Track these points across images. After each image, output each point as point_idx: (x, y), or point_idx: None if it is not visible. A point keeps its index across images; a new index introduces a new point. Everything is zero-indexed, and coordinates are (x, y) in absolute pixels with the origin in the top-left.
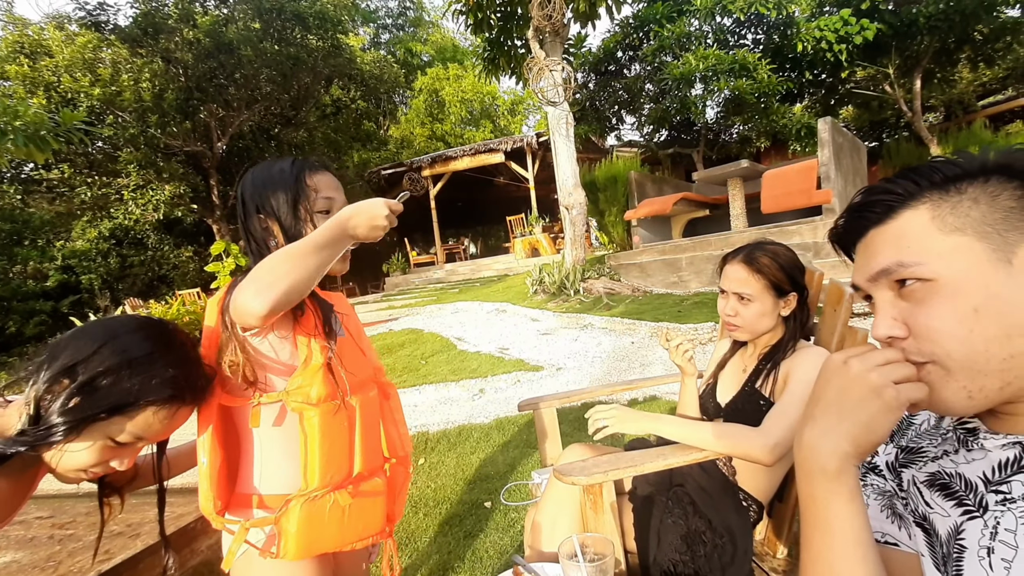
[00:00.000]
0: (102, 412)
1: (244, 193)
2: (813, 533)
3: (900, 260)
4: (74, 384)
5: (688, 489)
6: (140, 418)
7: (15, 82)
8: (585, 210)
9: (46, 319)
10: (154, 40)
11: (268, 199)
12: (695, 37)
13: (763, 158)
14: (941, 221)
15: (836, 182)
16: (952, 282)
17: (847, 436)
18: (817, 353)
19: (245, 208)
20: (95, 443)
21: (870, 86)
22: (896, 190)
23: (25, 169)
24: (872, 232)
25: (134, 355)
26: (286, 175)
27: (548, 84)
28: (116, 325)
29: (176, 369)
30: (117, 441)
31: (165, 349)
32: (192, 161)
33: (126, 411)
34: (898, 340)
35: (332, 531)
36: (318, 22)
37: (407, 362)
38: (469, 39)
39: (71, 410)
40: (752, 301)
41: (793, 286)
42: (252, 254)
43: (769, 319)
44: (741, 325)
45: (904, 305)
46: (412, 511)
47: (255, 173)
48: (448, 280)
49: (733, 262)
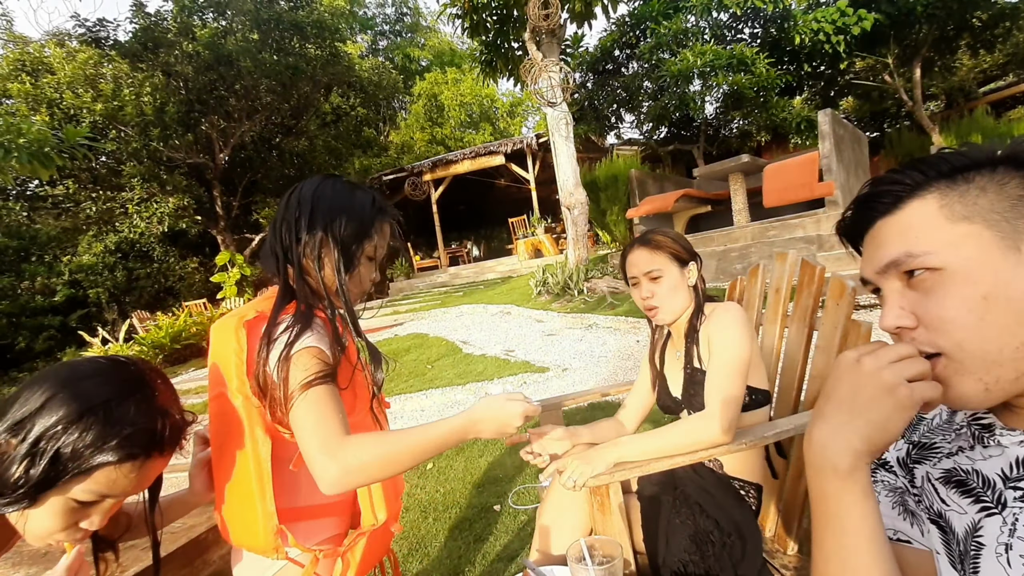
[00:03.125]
0: (54, 478)
1: (317, 204)
2: (825, 531)
3: (908, 250)
4: (23, 443)
5: (689, 491)
6: (100, 476)
7: (17, 100)
8: (587, 210)
9: (55, 334)
10: (154, 54)
11: (341, 222)
12: (692, 33)
13: (764, 152)
14: (949, 210)
15: (838, 174)
16: (961, 270)
17: (859, 434)
18: (724, 308)
19: (312, 218)
20: (57, 507)
21: (869, 76)
22: (904, 180)
23: (30, 186)
24: (880, 223)
25: (87, 405)
26: (366, 212)
27: (546, 85)
28: (71, 372)
29: (135, 423)
30: (80, 501)
31: (125, 397)
32: (195, 173)
33: (81, 474)
34: (907, 331)
35: (378, 555)
36: (316, 31)
37: (413, 367)
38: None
39: (19, 478)
40: (662, 276)
41: (690, 255)
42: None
43: (682, 292)
44: (660, 305)
45: (913, 295)
46: (422, 516)
47: (335, 191)
48: (452, 283)
49: (633, 250)
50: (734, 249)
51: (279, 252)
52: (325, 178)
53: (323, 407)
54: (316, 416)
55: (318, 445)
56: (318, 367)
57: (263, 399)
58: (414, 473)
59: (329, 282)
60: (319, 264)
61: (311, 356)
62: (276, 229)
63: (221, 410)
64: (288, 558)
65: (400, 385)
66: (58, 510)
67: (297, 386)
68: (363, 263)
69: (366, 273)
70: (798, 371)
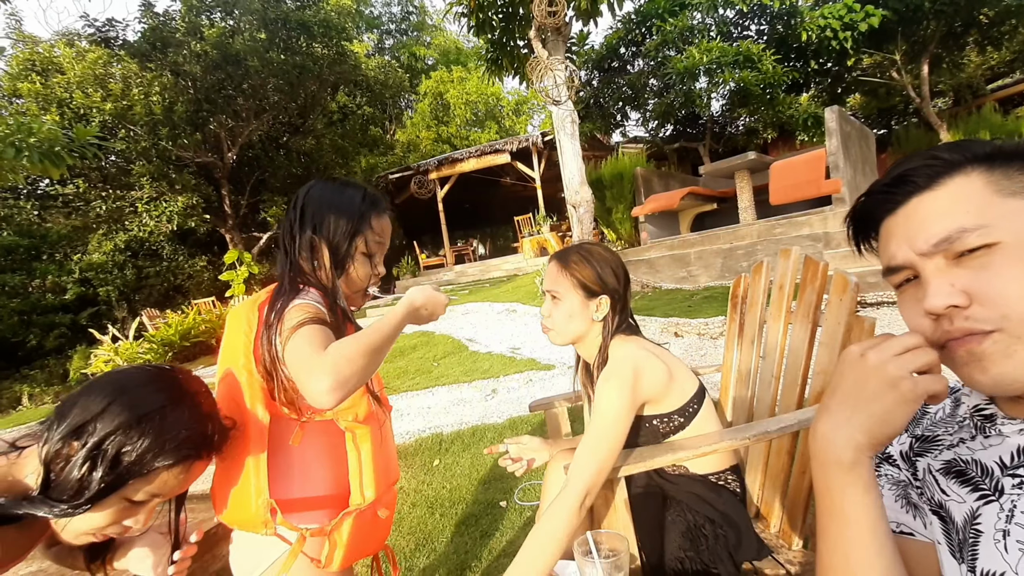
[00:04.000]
0: (116, 482)
1: (306, 205)
2: (829, 524)
3: (962, 226)
4: (84, 448)
5: (672, 493)
6: (154, 478)
7: (28, 99)
8: (592, 208)
9: (66, 332)
10: (163, 54)
11: (329, 221)
12: (698, 30)
13: (770, 149)
14: (997, 185)
15: (845, 171)
16: (1018, 243)
17: (862, 428)
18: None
19: (302, 219)
20: (111, 507)
21: (877, 73)
22: (942, 156)
23: (41, 185)
24: (916, 199)
25: (144, 411)
26: (355, 206)
27: (551, 83)
28: (125, 379)
29: (189, 427)
30: (132, 500)
31: (176, 403)
32: (204, 172)
33: (139, 476)
34: (959, 310)
35: (368, 542)
36: (323, 30)
37: (419, 364)
38: (472, 41)
39: (81, 480)
40: (560, 300)
41: (603, 288)
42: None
43: (579, 321)
44: (551, 327)
45: (962, 272)
46: (428, 512)
47: (324, 190)
48: (458, 281)
49: (551, 261)
50: (740, 247)
51: (282, 253)
52: (320, 180)
53: (312, 339)
54: (306, 347)
55: (308, 368)
56: (312, 314)
57: (268, 379)
58: (421, 469)
59: (326, 280)
60: (315, 263)
61: (302, 309)
62: (285, 229)
63: (227, 387)
64: (276, 534)
65: (406, 382)
66: (112, 510)
67: (288, 329)
68: (358, 259)
69: (362, 269)
70: (802, 367)
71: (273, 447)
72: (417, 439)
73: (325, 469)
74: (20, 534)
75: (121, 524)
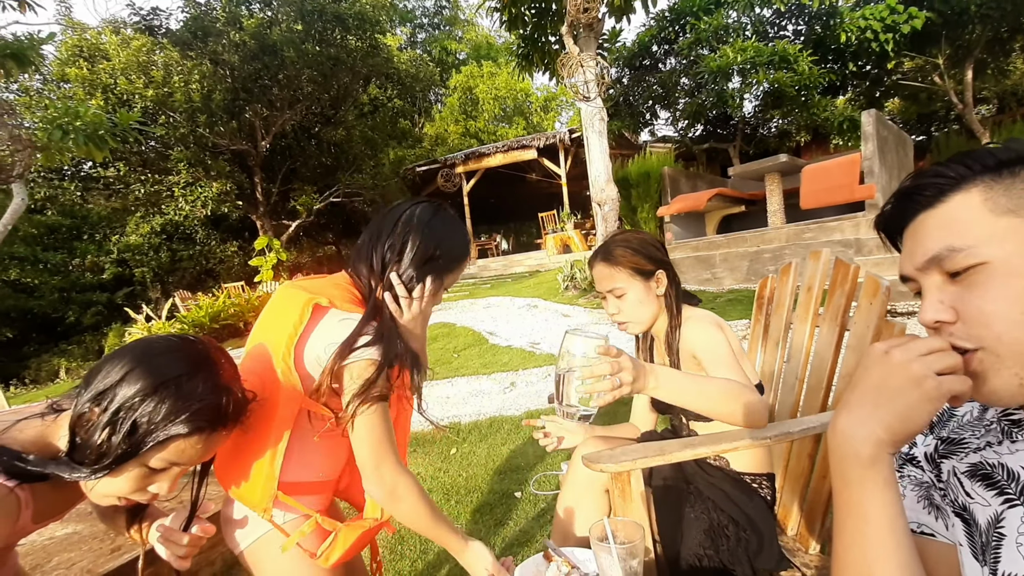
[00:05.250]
0: (132, 450)
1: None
2: (846, 520)
3: (951, 244)
4: (105, 413)
5: (701, 487)
6: (170, 446)
7: (75, 84)
8: (617, 206)
9: (102, 310)
10: (203, 43)
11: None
12: (733, 29)
13: (803, 153)
14: (993, 203)
15: (880, 177)
16: (1005, 264)
17: (882, 424)
18: (697, 321)
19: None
20: (131, 472)
21: (918, 77)
22: (948, 173)
23: (84, 167)
24: (921, 216)
25: (162, 379)
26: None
27: (581, 80)
28: (148, 347)
29: (204, 398)
30: (151, 467)
31: (195, 373)
32: (238, 159)
33: (155, 444)
34: (946, 325)
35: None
36: (357, 23)
37: (440, 355)
38: (503, 36)
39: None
40: (625, 293)
41: (655, 264)
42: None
43: (649, 304)
44: (627, 319)
45: (953, 289)
46: (444, 499)
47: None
48: (480, 276)
49: (595, 265)
50: (767, 250)
51: (377, 266)
52: (436, 207)
53: (380, 425)
54: (377, 434)
55: (376, 461)
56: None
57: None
58: (438, 457)
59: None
60: (408, 286)
61: (372, 365)
62: (378, 243)
63: (260, 366)
64: (271, 521)
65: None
66: (132, 475)
67: (355, 396)
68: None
69: (429, 309)
70: (827, 370)
71: (294, 436)
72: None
73: (332, 459)
74: (57, 493)
75: (145, 490)
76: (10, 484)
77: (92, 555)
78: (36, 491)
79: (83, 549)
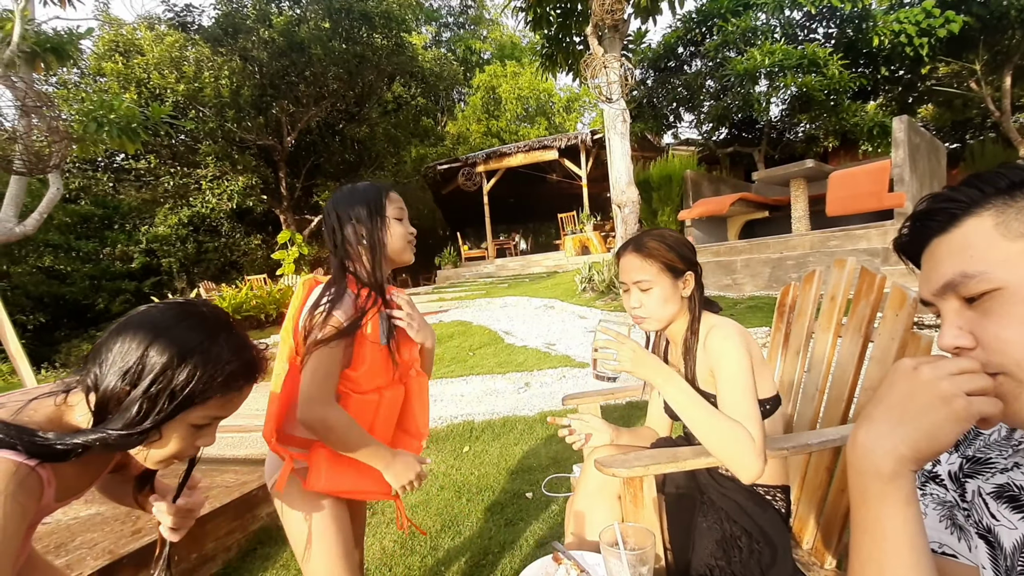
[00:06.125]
0: (174, 412)
1: (336, 210)
2: (863, 537)
3: (963, 271)
4: (136, 388)
5: (714, 497)
6: (212, 405)
7: (110, 78)
8: (638, 209)
9: (130, 298)
10: (233, 39)
11: (358, 210)
12: (761, 31)
13: (830, 158)
14: (1006, 227)
15: (911, 185)
16: (1020, 289)
17: (906, 440)
18: (719, 330)
19: (340, 220)
20: (180, 434)
21: (953, 83)
22: (959, 198)
23: (117, 159)
24: (935, 241)
25: (188, 348)
26: (371, 192)
27: (604, 81)
28: (157, 319)
29: (232, 358)
30: (197, 426)
31: (214, 337)
32: (263, 154)
33: (197, 406)
34: (965, 351)
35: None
36: (383, 21)
37: (455, 353)
38: (528, 36)
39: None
40: (651, 287)
41: (687, 265)
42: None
43: (673, 303)
44: (647, 315)
45: (971, 315)
46: (456, 496)
47: (343, 193)
48: (498, 275)
49: (625, 254)
50: (790, 257)
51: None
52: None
53: (321, 366)
54: (313, 371)
55: (307, 392)
56: (330, 333)
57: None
58: (451, 455)
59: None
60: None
61: (332, 324)
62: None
63: (282, 336)
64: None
65: (442, 370)
66: (181, 436)
67: (312, 343)
68: (392, 225)
69: (396, 229)
70: (849, 382)
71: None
72: (449, 425)
73: None
74: (78, 471)
75: (193, 446)
76: (31, 463)
77: (114, 536)
78: (57, 470)
79: (105, 530)
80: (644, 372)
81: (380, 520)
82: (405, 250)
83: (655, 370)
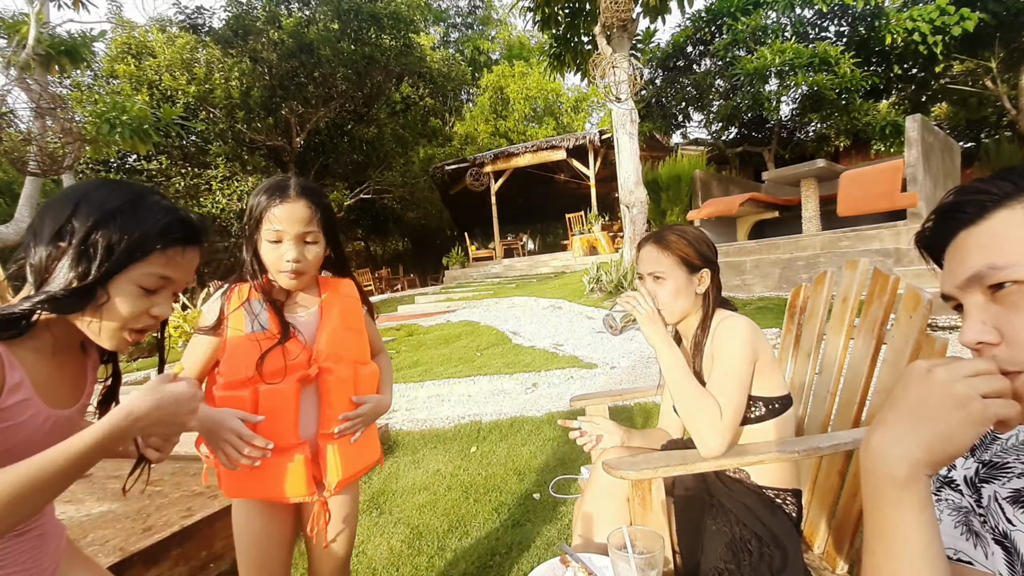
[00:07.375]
0: (116, 266)
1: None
2: (877, 543)
3: (992, 263)
4: (70, 245)
5: (722, 499)
6: (153, 261)
7: (123, 80)
8: (646, 209)
9: None
10: (243, 41)
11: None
12: (772, 30)
13: (842, 158)
14: None
15: (924, 185)
16: None
17: (921, 444)
18: (729, 323)
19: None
20: (127, 294)
21: (968, 81)
22: (991, 189)
23: (129, 160)
24: (963, 234)
25: (116, 203)
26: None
27: (612, 81)
28: (84, 186)
29: (164, 213)
30: (145, 288)
31: (143, 194)
32: (273, 155)
33: (137, 261)
34: (989, 346)
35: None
36: (392, 22)
37: (463, 353)
38: (537, 36)
39: (82, 273)
40: (665, 279)
41: (704, 262)
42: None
43: (685, 298)
44: (659, 307)
45: (996, 309)
46: (463, 496)
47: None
48: (505, 275)
49: (645, 245)
50: (801, 258)
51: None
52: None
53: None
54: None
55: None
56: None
57: None
58: (458, 455)
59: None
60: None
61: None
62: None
63: None
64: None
65: (449, 370)
66: (129, 295)
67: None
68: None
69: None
70: (861, 385)
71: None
72: (456, 425)
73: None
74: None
75: (148, 314)
76: None
77: (125, 533)
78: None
79: (116, 527)
80: (650, 329)
81: (388, 520)
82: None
83: (661, 334)
